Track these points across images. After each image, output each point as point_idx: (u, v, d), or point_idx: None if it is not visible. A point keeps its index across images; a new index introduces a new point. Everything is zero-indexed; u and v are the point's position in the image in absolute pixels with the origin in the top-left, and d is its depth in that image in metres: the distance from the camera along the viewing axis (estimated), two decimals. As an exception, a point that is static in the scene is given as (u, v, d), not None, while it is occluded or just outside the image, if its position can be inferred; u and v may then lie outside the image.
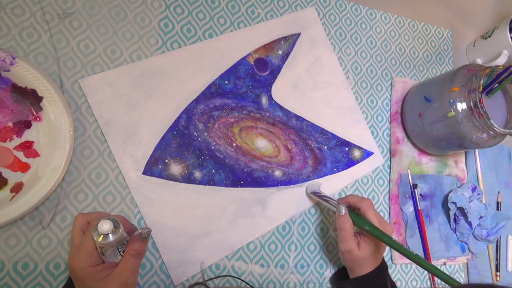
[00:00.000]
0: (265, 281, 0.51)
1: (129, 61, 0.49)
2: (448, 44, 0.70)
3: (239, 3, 0.56)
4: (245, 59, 0.54)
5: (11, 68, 0.41)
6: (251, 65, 0.54)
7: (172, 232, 0.47)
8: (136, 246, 0.35)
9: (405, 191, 0.60)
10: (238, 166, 0.51)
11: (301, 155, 0.54)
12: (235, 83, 0.53)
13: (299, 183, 0.54)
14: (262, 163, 0.52)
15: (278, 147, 0.53)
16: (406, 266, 0.59)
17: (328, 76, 0.58)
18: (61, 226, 0.43)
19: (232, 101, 0.52)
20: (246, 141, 0.52)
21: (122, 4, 0.50)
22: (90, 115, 0.46)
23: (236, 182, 0.50)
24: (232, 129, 0.52)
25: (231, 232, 0.49)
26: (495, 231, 0.60)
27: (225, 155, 0.51)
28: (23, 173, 0.42)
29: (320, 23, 0.60)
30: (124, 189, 0.46)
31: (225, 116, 0.52)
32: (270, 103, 0.54)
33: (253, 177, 0.51)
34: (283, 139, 0.54)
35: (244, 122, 0.52)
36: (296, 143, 0.55)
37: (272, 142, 0.53)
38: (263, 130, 0.53)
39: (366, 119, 0.60)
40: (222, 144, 0.51)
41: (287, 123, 0.55)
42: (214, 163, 0.50)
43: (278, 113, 0.54)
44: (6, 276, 0.41)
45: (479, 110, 0.49)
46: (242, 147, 0.52)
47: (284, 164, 0.53)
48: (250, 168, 0.52)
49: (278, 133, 0.54)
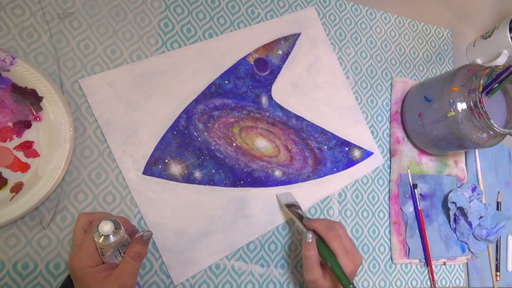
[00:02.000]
0: (265, 281, 0.51)
1: (129, 61, 0.49)
2: (448, 44, 0.70)
3: (239, 3, 0.56)
4: (245, 59, 0.54)
5: (11, 68, 0.41)
6: (251, 65, 0.54)
7: (172, 232, 0.47)
8: (137, 249, 0.35)
9: (405, 191, 0.60)
10: (238, 166, 0.51)
11: (301, 155, 0.54)
12: (235, 83, 0.53)
13: (299, 183, 0.54)
14: (262, 163, 0.52)
15: (278, 147, 0.53)
16: (406, 266, 0.59)
17: (328, 76, 0.58)
18: (61, 226, 0.43)
19: (232, 101, 0.52)
20: (246, 141, 0.52)
21: (122, 4, 0.50)
22: (90, 115, 0.46)
23: (236, 182, 0.50)
24: (232, 129, 0.52)
25: (231, 232, 0.49)
26: (495, 231, 0.60)
27: (225, 155, 0.51)
28: (23, 173, 0.42)
29: (320, 23, 0.60)
30: (124, 189, 0.46)
31: (225, 116, 0.52)
32: (270, 103, 0.54)
33: (253, 177, 0.51)
34: (283, 139, 0.54)
35: (244, 122, 0.52)
36: (296, 143, 0.55)
37: (272, 142, 0.53)
38: (263, 130, 0.53)
39: (366, 119, 0.60)
40: (222, 144, 0.51)
41: (287, 123, 0.55)
42: (214, 163, 0.50)
43: (278, 113, 0.54)
44: (6, 276, 0.41)
45: (479, 110, 0.49)
46: (242, 147, 0.52)
47: (284, 164, 0.53)
48: (250, 168, 0.52)
49: (278, 133, 0.54)
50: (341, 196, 0.56)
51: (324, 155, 0.56)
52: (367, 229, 0.57)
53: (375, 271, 0.56)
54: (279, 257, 0.52)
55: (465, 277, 0.63)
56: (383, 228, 0.58)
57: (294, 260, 0.52)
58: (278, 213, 0.52)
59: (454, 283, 0.61)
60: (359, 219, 0.57)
